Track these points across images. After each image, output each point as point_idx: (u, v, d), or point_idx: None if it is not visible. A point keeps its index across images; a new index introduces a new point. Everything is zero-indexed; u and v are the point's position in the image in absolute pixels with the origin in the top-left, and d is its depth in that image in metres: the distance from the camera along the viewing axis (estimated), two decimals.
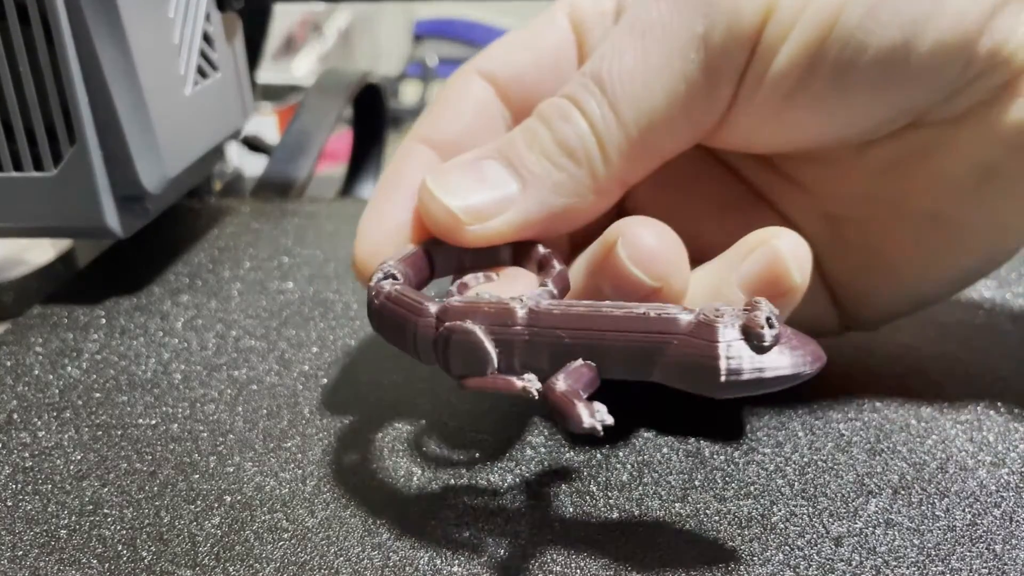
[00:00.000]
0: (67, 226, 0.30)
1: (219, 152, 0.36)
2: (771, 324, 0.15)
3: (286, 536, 0.20)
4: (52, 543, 0.20)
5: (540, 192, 0.20)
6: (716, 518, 0.20)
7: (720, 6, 0.19)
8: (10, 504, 0.21)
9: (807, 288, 0.19)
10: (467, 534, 0.19)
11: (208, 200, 0.41)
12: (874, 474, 0.21)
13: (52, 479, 0.22)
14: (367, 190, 0.57)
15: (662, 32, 0.20)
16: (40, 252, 0.38)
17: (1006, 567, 0.18)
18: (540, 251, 0.21)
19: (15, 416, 0.24)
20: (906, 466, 0.21)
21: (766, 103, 0.20)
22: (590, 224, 0.21)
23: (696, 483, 0.21)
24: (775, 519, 0.20)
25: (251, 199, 0.42)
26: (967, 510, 0.20)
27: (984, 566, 0.18)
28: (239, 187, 0.50)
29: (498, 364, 0.17)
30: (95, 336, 0.29)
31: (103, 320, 0.30)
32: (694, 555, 0.19)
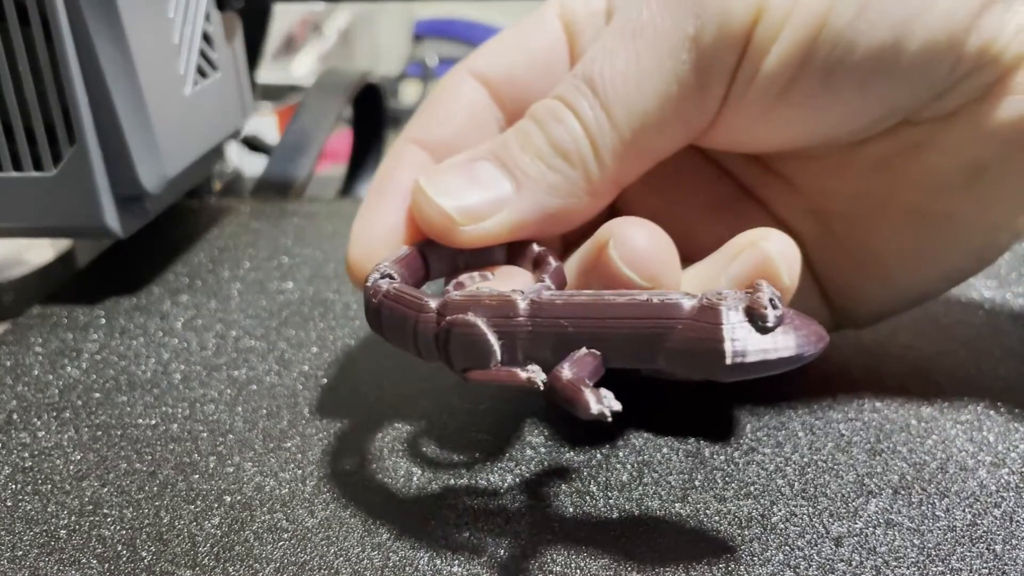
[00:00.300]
0: (67, 226, 0.30)
1: (219, 152, 0.36)
2: (774, 305, 0.15)
3: (286, 536, 0.20)
4: (52, 543, 0.20)
5: (535, 193, 0.20)
6: (716, 518, 0.20)
7: (710, 7, 0.19)
8: (10, 504, 0.21)
9: (797, 286, 0.19)
10: (467, 534, 0.19)
11: (208, 200, 0.41)
12: (874, 474, 0.21)
13: (52, 479, 0.22)
14: (366, 190, 0.57)
15: (653, 33, 0.20)
16: (40, 252, 0.38)
17: (1006, 567, 0.18)
18: (535, 249, 0.21)
19: (15, 416, 0.24)
20: (906, 466, 0.21)
21: (757, 103, 0.20)
22: (583, 224, 0.22)
23: (696, 483, 0.21)
24: (775, 519, 0.20)
25: (251, 199, 0.42)
26: (967, 510, 0.20)
27: (984, 566, 0.18)
28: (239, 187, 0.50)
29: (501, 357, 0.17)
30: (95, 336, 0.29)
31: (103, 320, 0.30)
32: (694, 555, 0.19)
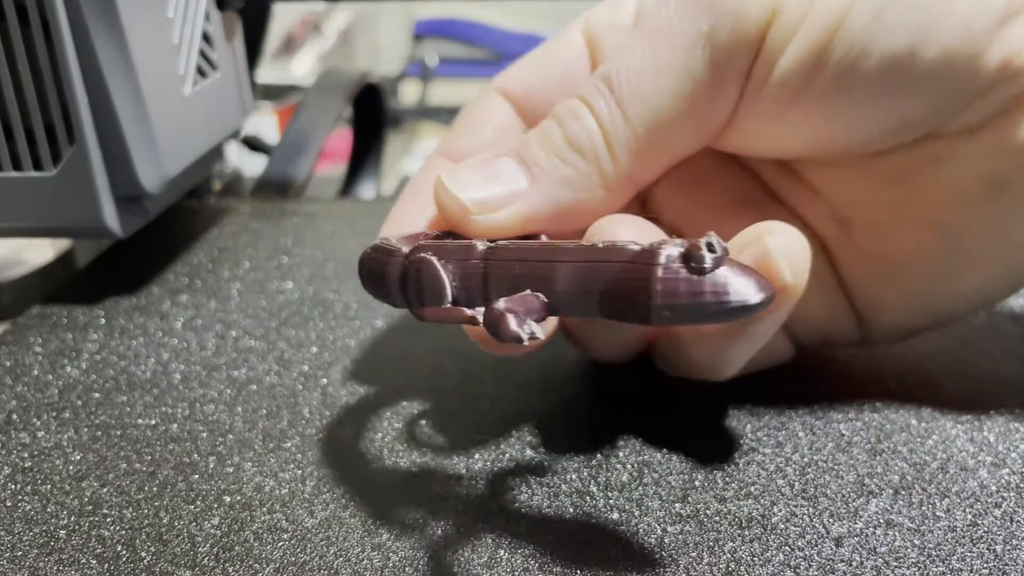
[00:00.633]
0: (66, 226, 0.30)
1: (218, 152, 0.36)
2: (711, 249, 0.15)
3: (285, 537, 0.20)
4: (51, 543, 0.20)
5: (547, 185, 0.20)
6: (716, 518, 0.20)
7: (726, 5, 0.19)
8: (9, 504, 0.21)
9: (823, 286, 0.19)
10: (467, 534, 0.19)
11: (207, 200, 0.41)
12: (875, 474, 0.21)
13: (51, 479, 0.22)
14: (367, 190, 0.57)
15: (669, 31, 0.20)
16: (39, 252, 0.38)
17: (1007, 567, 0.18)
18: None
19: (14, 416, 0.24)
20: (907, 466, 0.21)
21: (771, 105, 0.20)
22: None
23: (696, 483, 0.21)
24: (775, 519, 0.20)
25: (250, 199, 0.42)
26: (968, 510, 0.20)
27: (985, 566, 0.18)
28: (238, 187, 0.50)
29: (459, 298, 0.18)
30: (94, 336, 0.29)
31: (102, 320, 0.30)
32: (694, 555, 0.19)
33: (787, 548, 0.19)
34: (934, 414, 0.23)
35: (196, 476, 0.22)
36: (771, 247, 0.18)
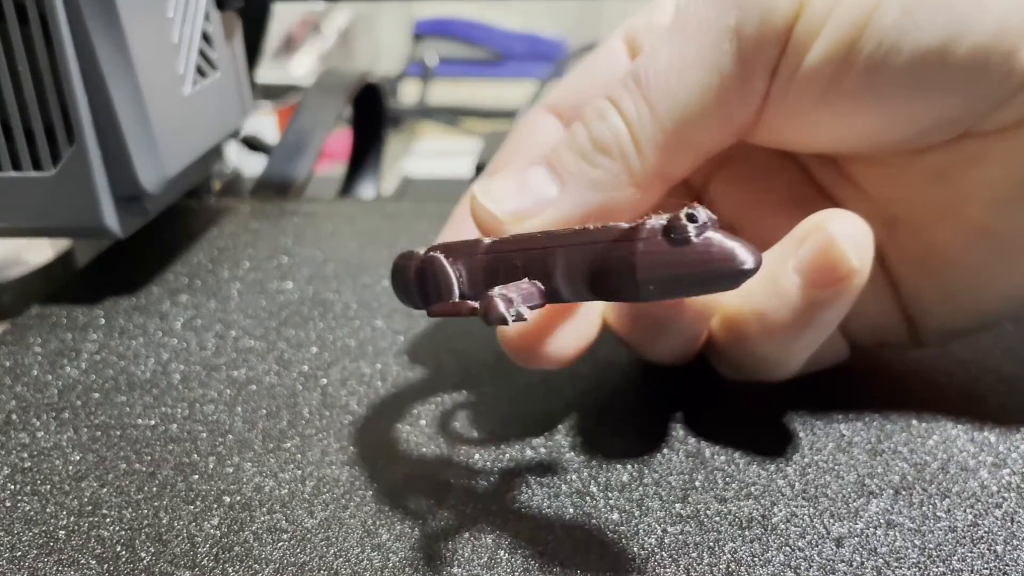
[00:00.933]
0: (66, 226, 0.30)
1: (218, 152, 0.36)
2: (693, 219, 0.15)
3: (285, 537, 0.20)
4: (51, 544, 0.20)
5: (577, 190, 0.20)
6: (717, 519, 0.20)
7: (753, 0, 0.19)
8: (8, 505, 0.21)
9: (874, 283, 0.18)
10: (467, 534, 0.19)
11: (207, 200, 0.41)
12: (875, 475, 0.21)
13: (51, 480, 0.22)
14: (366, 190, 0.56)
15: (696, 26, 0.20)
16: (39, 252, 0.38)
17: (1007, 568, 0.18)
18: None
19: (14, 416, 0.24)
20: (907, 467, 0.21)
21: (800, 101, 0.20)
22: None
23: (696, 483, 0.21)
24: (776, 520, 0.20)
25: (250, 199, 0.42)
26: (968, 511, 0.20)
27: (985, 567, 0.18)
28: (238, 187, 0.50)
29: (466, 293, 0.18)
30: (94, 336, 0.29)
31: (102, 320, 0.30)
32: (694, 555, 0.19)
33: (787, 548, 0.19)
34: (934, 414, 0.23)
35: (196, 476, 0.22)
36: (835, 233, 0.18)
